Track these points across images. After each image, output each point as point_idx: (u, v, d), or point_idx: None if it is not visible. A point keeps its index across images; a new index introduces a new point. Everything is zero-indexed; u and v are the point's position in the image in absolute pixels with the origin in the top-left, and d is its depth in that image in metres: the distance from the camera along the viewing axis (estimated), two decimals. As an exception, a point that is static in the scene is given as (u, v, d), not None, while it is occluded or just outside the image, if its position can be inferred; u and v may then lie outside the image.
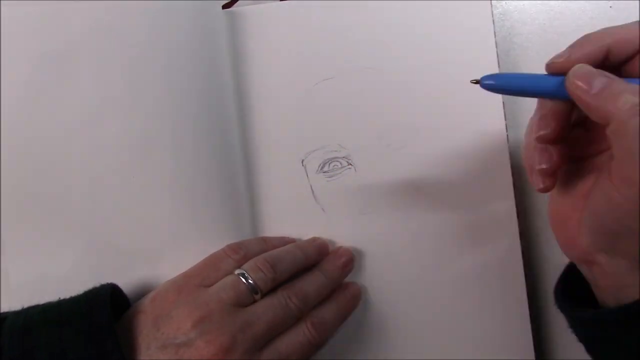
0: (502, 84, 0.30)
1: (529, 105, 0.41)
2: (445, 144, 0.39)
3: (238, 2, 0.42)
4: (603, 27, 0.41)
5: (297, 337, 0.35)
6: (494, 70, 0.39)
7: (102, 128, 0.38)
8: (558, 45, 0.41)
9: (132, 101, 0.38)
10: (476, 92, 0.40)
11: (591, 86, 0.26)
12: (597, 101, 0.25)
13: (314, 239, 0.40)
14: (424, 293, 0.39)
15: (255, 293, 0.34)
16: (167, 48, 0.38)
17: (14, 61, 0.38)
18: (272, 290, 0.35)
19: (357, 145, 0.40)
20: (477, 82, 0.30)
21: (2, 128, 0.37)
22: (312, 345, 0.35)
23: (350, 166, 0.40)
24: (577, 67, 0.27)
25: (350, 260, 0.39)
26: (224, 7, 0.41)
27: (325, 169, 0.40)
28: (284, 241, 0.39)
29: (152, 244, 0.38)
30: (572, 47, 0.28)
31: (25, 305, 0.34)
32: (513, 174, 0.39)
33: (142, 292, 0.36)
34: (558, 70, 0.28)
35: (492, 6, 0.39)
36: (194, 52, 0.39)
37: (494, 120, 0.39)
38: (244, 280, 0.34)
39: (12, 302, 0.35)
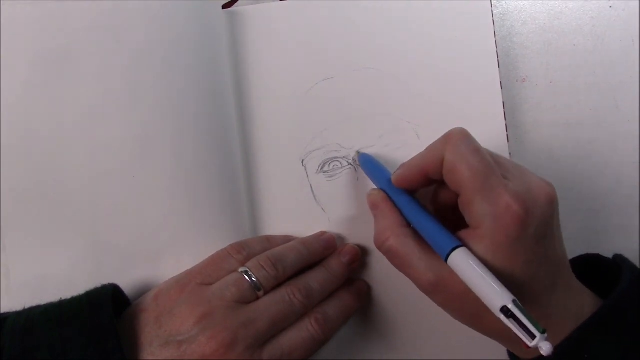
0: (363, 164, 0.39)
1: (530, 106, 0.42)
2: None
3: (238, 2, 0.42)
4: (603, 27, 0.41)
5: (300, 333, 0.35)
6: (494, 69, 0.39)
7: (102, 128, 0.38)
8: (558, 45, 0.42)
9: (132, 101, 0.38)
10: (476, 92, 0.40)
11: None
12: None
13: (321, 234, 0.40)
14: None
15: (258, 290, 0.34)
16: (167, 48, 0.38)
17: (14, 61, 0.37)
18: (277, 287, 0.35)
19: (357, 145, 0.40)
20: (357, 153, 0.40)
21: (2, 128, 0.37)
22: (316, 342, 0.35)
23: (350, 166, 0.40)
24: (369, 194, 0.37)
25: (356, 257, 0.39)
26: (224, 7, 0.41)
27: (325, 169, 0.40)
28: (288, 240, 0.39)
29: (152, 244, 0.38)
30: (402, 167, 0.35)
31: (27, 306, 0.34)
32: (513, 174, 0.39)
33: (143, 292, 0.36)
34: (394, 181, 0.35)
35: (492, 6, 0.39)
36: (194, 52, 0.39)
37: (494, 120, 0.39)
38: (247, 277, 0.34)
39: (13, 302, 0.35)
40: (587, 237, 0.37)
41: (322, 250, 0.38)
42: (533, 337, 0.25)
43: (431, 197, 0.36)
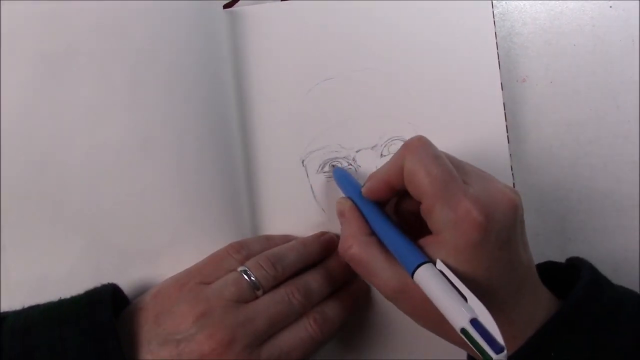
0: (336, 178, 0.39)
1: (530, 106, 0.42)
2: (446, 144, 0.39)
3: (239, 2, 0.42)
4: (603, 27, 0.42)
5: (298, 332, 0.34)
6: (495, 69, 0.39)
7: (102, 128, 0.38)
8: (558, 45, 0.42)
9: (132, 101, 0.38)
10: (477, 93, 0.40)
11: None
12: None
13: (321, 234, 0.40)
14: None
15: (257, 290, 0.34)
16: (168, 48, 0.38)
17: (15, 61, 0.37)
18: (276, 287, 0.35)
19: (357, 146, 0.40)
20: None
21: (2, 128, 0.37)
22: (314, 341, 0.35)
23: (350, 166, 0.40)
24: (337, 201, 0.37)
25: None
26: (225, 7, 0.41)
27: (326, 169, 0.40)
28: (287, 239, 0.39)
29: (152, 244, 0.38)
30: (370, 179, 0.35)
31: (26, 305, 0.34)
32: (513, 175, 0.39)
33: (142, 292, 0.36)
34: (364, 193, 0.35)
35: (492, 6, 0.40)
36: (194, 52, 0.39)
37: (494, 121, 0.39)
38: (246, 277, 0.34)
39: (13, 301, 0.35)
40: (587, 236, 0.37)
41: (321, 251, 0.38)
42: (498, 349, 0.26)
43: (395, 205, 0.36)
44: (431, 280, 0.28)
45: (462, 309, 0.27)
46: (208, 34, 0.40)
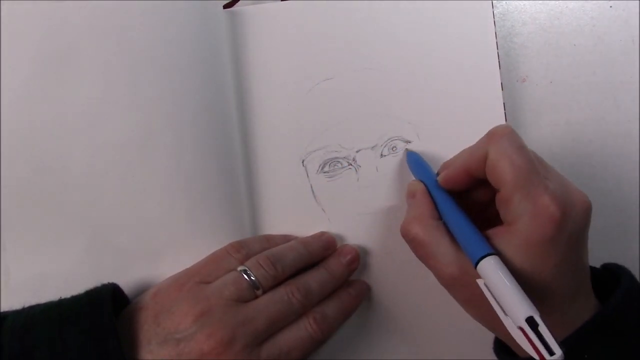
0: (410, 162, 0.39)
1: (530, 106, 0.42)
2: (446, 144, 0.39)
3: (239, 2, 0.42)
4: (603, 27, 0.42)
5: (298, 332, 0.35)
6: (495, 69, 0.39)
7: (102, 128, 0.38)
8: (558, 45, 0.42)
9: (132, 101, 0.38)
10: (477, 93, 0.40)
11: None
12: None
13: (321, 234, 0.40)
14: (425, 293, 0.39)
15: (257, 289, 0.34)
16: (168, 48, 0.38)
17: (15, 60, 0.37)
18: (275, 286, 0.35)
19: (357, 146, 0.40)
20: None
21: (2, 128, 0.37)
22: (314, 341, 0.35)
23: (350, 166, 0.40)
24: (410, 183, 0.37)
25: (356, 258, 0.39)
26: (225, 7, 0.41)
27: (326, 169, 0.40)
28: (287, 239, 0.39)
29: (152, 244, 0.38)
30: (448, 166, 0.35)
31: (26, 305, 0.34)
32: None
33: (142, 292, 0.36)
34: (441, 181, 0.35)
35: (492, 6, 0.40)
36: (194, 52, 0.39)
37: (494, 121, 0.39)
38: (245, 276, 0.34)
39: (13, 301, 0.35)
40: (587, 236, 0.37)
41: (321, 251, 0.39)
42: (550, 352, 0.26)
43: (461, 197, 0.36)
44: (495, 274, 0.28)
45: (524, 305, 0.27)
46: (208, 34, 0.40)
